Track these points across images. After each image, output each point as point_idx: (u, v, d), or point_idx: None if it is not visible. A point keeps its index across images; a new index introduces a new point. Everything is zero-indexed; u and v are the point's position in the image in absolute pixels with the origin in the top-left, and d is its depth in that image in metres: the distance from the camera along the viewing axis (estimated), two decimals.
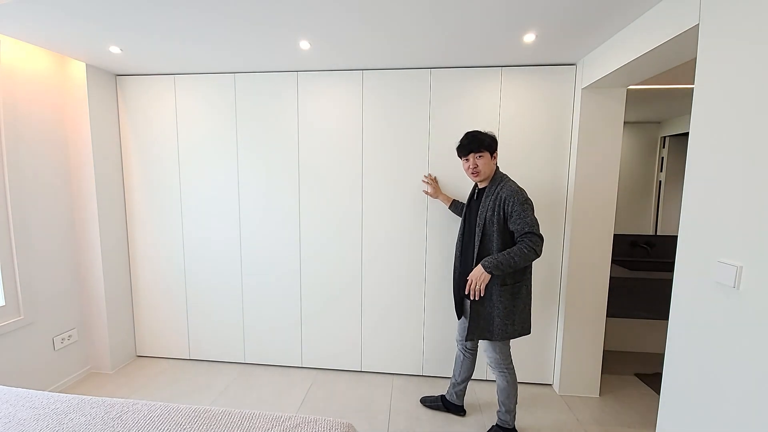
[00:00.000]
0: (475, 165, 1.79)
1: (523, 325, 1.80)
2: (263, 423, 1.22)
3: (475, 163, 1.78)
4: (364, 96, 2.35)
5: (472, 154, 1.78)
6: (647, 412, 2.17)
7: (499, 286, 1.74)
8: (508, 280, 1.74)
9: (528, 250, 1.64)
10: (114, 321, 2.56)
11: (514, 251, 1.66)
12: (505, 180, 1.78)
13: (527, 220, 1.66)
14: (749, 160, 1.05)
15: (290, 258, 2.54)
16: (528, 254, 1.64)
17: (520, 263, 1.66)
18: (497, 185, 1.77)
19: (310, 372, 2.60)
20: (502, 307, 1.74)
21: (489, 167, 1.79)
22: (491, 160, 1.79)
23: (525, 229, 1.66)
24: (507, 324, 1.75)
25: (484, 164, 1.78)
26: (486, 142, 1.77)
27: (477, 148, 1.77)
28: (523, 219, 1.66)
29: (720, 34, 1.17)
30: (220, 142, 2.50)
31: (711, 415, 1.18)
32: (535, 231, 1.66)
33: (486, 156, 1.78)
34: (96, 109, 2.38)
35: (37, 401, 1.34)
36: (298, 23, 1.71)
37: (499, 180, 1.79)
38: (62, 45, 2.04)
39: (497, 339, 1.78)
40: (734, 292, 1.09)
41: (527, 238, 1.65)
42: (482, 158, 1.77)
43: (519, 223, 1.67)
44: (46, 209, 2.23)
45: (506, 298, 1.74)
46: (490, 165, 1.79)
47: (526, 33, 1.79)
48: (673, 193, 2.85)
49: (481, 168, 1.78)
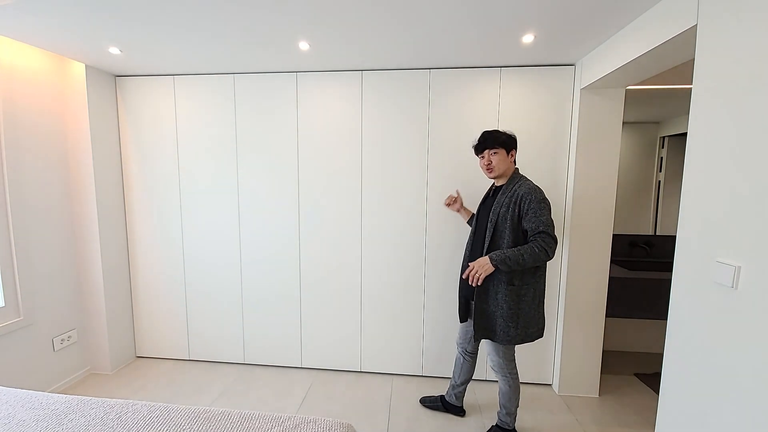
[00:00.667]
0: (489, 161, 1.78)
1: (527, 330, 1.73)
2: (263, 423, 1.22)
3: (490, 159, 1.78)
4: (364, 96, 2.35)
5: (487, 150, 1.78)
6: (646, 412, 2.17)
7: (506, 286, 1.70)
8: (515, 281, 1.71)
9: (539, 250, 1.61)
10: (114, 322, 2.56)
11: (524, 249, 1.63)
12: (524, 179, 1.77)
13: (542, 219, 1.63)
14: (747, 160, 1.05)
15: (290, 258, 2.54)
16: (538, 254, 1.61)
17: (529, 262, 1.63)
18: (515, 183, 1.75)
19: (310, 372, 2.60)
20: (506, 307, 1.70)
21: (504, 164, 1.77)
22: (507, 157, 1.78)
23: (540, 228, 1.62)
24: (510, 326, 1.71)
25: (499, 160, 1.76)
26: (501, 138, 1.77)
27: (492, 144, 1.77)
28: (538, 217, 1.63)
29: (718, 35, 1.17)
30: (220, 144, 2.50)
31: (710, 415, 1.18)
32: (549, 231, 1.62)
33: (501, 153, 1.76)
34: (95, 110, 2.38)
35: (37, 402, 1.34)
36: (298, 24, 1.72)
37: (517, 179, 1.78)
38: (62, 46, 2.04)
39: (499, 341, 1.75)
40: (733, 292, 1.09)
41: (540, 237, 1.62)
42: (497, 154, 1.76)
43: (534, 221, 1.64)
44: (45, 210, 2.23)
45: (512, 299, 1.70)
46: (505, 162, 1.78)
47: (525, 34, 1.80)
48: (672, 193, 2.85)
49: (495, 164, 1.77)
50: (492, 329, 1.76)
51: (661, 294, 2.35)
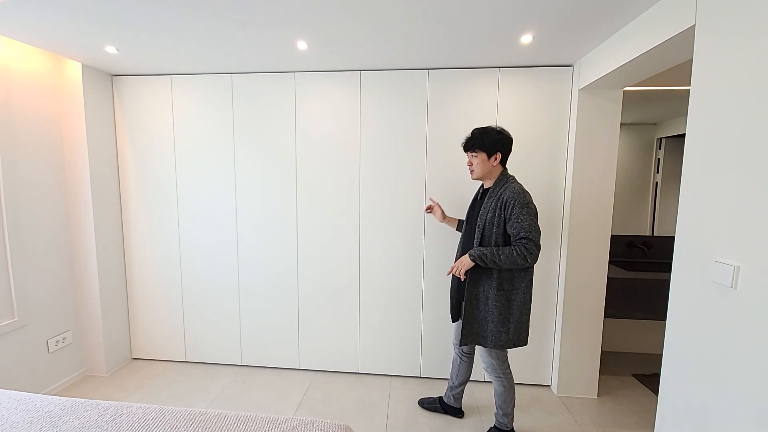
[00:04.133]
0: (470, 163, 1.78)
1: (519, 335, 1.73)
2: (259, 425, 1.21)
3: (470, 161, 1.77)
4: (362, 96, 2.35)
5: (468, 152, 1.78)
6: (645, 413, 2.17)
7: (495, 290, 1.69)
8: (505, 285, 1.70)
9: (517, 254, 1.60)
10: (109, 323, 2.54)
11: (502, 250, 1.63)
12: (510, 182, 1.72)
13: (524, 225, 1.61)
14: (745, 160, 1.05)
15: (287, 259, 2.53)
16: (515, 258, 1.60)
17: (505, 264, 1.62)
18: (501, 186, 1.72)
19: (308, 374, 2.59)
20: (497, 312, 1.70)
21: (484, 167, 1.74)
22: (488, 160, 1.74)
23: (521, 234, 1.61)
24: (501, 331, 1.71)
25: (478, 164, 1.75)
26: (485, 142, 1.72)
27: (472, 147, 1.75)
28: (520, 223, 1.62)
29: (716, 35, 1.17)
30: (217, 143, 2.49)
31: (709, 416, 1.18)
32: (531, 237, 1.60)
33: (481, 156, 1.73)
34: (92, 110, 2.36)
35: (31, 404, 1.32)
36: (296, 23, 1.71)
37: (504, 181, 1.73)
38: (58, 45, 2.02)
39: (491, 346, 1.74)
40: (732, 292, 1.09)
41: (521, 243, 1.61)
42: (476, 158, 1.75)
43: (516, 226, 1.63)
44: (40, 210, 2.21)
45: (501, 303, 1.70)
46: (485, 165, 1.74)
47: (523, 34, 1.80)
48: (669, 194, 2.86)
49: (475, 167, 1.76)
50: (483, 335, 1.76)
51: (659, 294, 2.35)
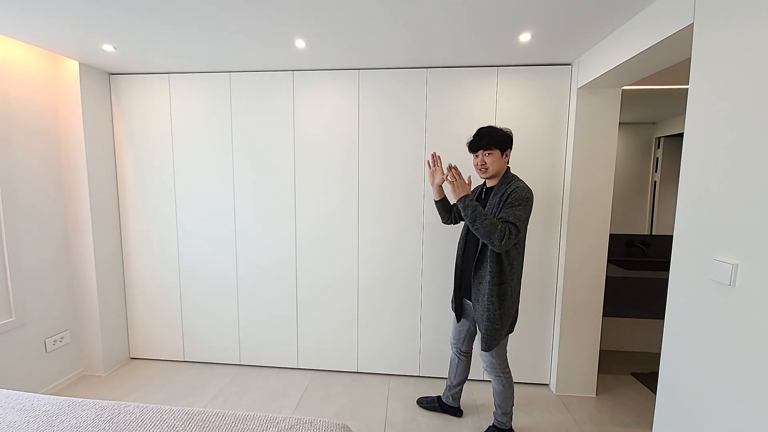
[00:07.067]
0: (483, 162, 1.75)
1: (510, 327, 1.80)
2: (258, 425, 1.21)
3: (484, 160, 1.75)
4: (361, 95, 2.34)
5: (481, 150, 1.75)
6: (644, 412, 2.17)
7: (497, 287, 1.69)
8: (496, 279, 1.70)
9: (499, 229, 1.58)
10: (107, 323, 2.53)
11: (490, 217, 1.62)
12: (515, 180, 1.74)
13: (517, 214, 1.62)
14: (744, 159, 1.05)
15: (286, 258, 2.53)
16: (492, 231, 1.58)
17: (481, 227, 1.60)
18: (506, 184, 1.72)
19: (306, 373, 2.58)
20: (492, 309, 1.71)
21: (498, 165, 1.75)
22: (501, 158, 1.75)
23: (510, 218, 1.61)
24: (497, 329, 1.72)
25: (493, 161, 1.74)
26: (497, 139, 1.73)
27: (486, 145, 1.74)
28: (513, 211, 1.62)
29: (714, 34, 1.17)
30: (215, 142, 2.49)
31: (707, 414, 1.18)
32: (517, 225, 1.61)
33: (495, 153, 1.74)
34: (89, 108, 2.35)
35: (28, 403, 1.31)
36: (294, 21, 1.70)
37: (509, 179, 1.74)
38: (55, 43, 2.01)
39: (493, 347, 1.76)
40: (730, 290, 1.09)
41: (507, 225, 1.60)
42: (491, 155, 1.74)
43: (508, 212, 1.63)
44: (38, 209, 2.20)
45: (496, 299, 1.71)
46: (499, 162, 1.75)
47: (522, 33, 1.79)
48: (667, 193, 2.87)
49: (490, 165, 1.74)
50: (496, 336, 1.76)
51: (657, 293, 2.35)
